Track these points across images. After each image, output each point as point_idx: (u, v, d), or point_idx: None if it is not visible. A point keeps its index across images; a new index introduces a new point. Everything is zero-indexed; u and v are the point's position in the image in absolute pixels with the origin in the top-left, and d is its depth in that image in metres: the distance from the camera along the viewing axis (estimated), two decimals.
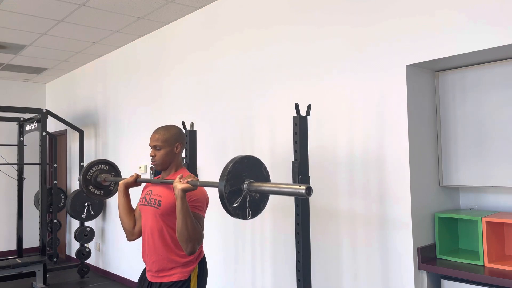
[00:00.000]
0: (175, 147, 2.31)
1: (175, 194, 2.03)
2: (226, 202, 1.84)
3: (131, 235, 2.41)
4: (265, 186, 1.90)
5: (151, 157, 2.33)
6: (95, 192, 2.79)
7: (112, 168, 2.87)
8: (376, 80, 2.77)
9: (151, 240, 2.26)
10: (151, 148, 2.33)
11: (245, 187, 1.91)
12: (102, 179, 2.75)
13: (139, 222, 2.39)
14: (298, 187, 1.77)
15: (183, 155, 2.43)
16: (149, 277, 2.30)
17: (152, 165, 2.38)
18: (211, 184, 2.01)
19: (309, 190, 1.74)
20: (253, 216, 1.98)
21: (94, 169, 2.79)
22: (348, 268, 2.91)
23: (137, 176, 2.44)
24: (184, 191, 2.01)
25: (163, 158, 2.30)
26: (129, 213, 2.41)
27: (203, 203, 2.22)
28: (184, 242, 2.03)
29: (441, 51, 2.47)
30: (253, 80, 3.66)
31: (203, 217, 2.20)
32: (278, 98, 3.42)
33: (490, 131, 2.60)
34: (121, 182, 2.45)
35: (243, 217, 1.93)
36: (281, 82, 3.41)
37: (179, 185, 2.02)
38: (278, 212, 3.38)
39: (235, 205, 1.88)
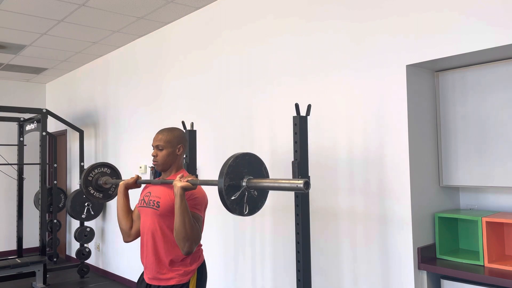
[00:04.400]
0: (177, 148, 2.32)
1: (175, 192, 2.03)
2: (225, 195, 1.85)
3: (128, 236, 2.41)
4: (264, 182, 1.92)
5: (152, 157, 2.35)
6: (95, 194, 2.79)
7: (114, 172, 2.87)
8: (376, 80, 2.77)
9: (149, 241, 2.25)
10: (153, 148, 2.34)
11: (244, 184, 1.92)
12: (103, 181, 2.75)
13: (137, 224, 2.38)
14: (296, 181, 1.81)
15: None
16: (147, 279, 2.29)
17: (153, 165, 2.38)
18: (211, 183, 2.01)
19: (307, 185, 1.77)
20: (250, 213, 1.98)
21: (96, 171, 2.80)
22: (348, 268, 2.91)
23: (138, 177, 2.44)
24: (184, 189, 2.02)
25: (165, 159, 2.31)
26: (128, 214, 2.40)
27: (202, 203, 2.22)
28: (181, 241, 2.02)
29: (441, 51, 2.47)
30: (252, 79, 3.66)
31: (202, 217, 2.20)
32: (278, 97, 3.42)
33: (490, 131, 2.60)
34: (121, 183, 2.44)
35: (240, 212, 1.93)
36: (281, 82, 3.41)
37: (178, 183, 2.03)
38: (278, 212, 3.38)
39: (233, 198, 1.89)
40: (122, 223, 2.39)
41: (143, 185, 2.48)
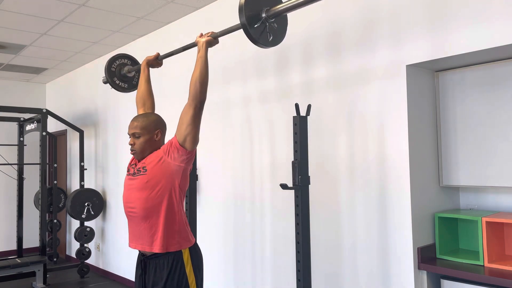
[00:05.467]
0: (154, 134, 2.22)
1: (199, 47, 2.20)
2: (247, 25, 1.95)
3: (144, 97, 2.64)
4: (282, 6, 1.98)
5: (130, 146, 2.22)
6: (120, 84, 2.89)
7: (134, 63, 2.96)
8: (376, 80, 2.77)
9: (137, 216, 2.14)
10: (129, 137, 2.22)
11: (263, 14, 2.02)
12: (126, 70, 2.84)
13: (150, 98, 2.65)
14: None
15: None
16: (137, 247, 2.21)
17: (131, 154, 2.26)
18: (231, 29, 2.15)
19: None
20: (274, 42, 2.06)
21: (117, 62, 2.89)
22: (348, 267, 2.91)
23: (158, 54, 2.57)
24: (208, 43, 2.21)
25: (143, 146, 2.18)
26: (148, 82, 2.63)
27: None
28: (203, 85, 2.18)
29: (441, 51, 2.47)
30: (252, 78, 3.66)
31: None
32: (278, 96, 3.42)
33: (490, 131, 2.60)
34: (144, 60, 2.57)
35: (264, 41, 2.03)
36: (281, 80, 3.41)
37: (201, 39, 2.22)
38: (278, 212, 3.38)
39: (256, 26, 1.98)
40: (142, 85, 2.63)
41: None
